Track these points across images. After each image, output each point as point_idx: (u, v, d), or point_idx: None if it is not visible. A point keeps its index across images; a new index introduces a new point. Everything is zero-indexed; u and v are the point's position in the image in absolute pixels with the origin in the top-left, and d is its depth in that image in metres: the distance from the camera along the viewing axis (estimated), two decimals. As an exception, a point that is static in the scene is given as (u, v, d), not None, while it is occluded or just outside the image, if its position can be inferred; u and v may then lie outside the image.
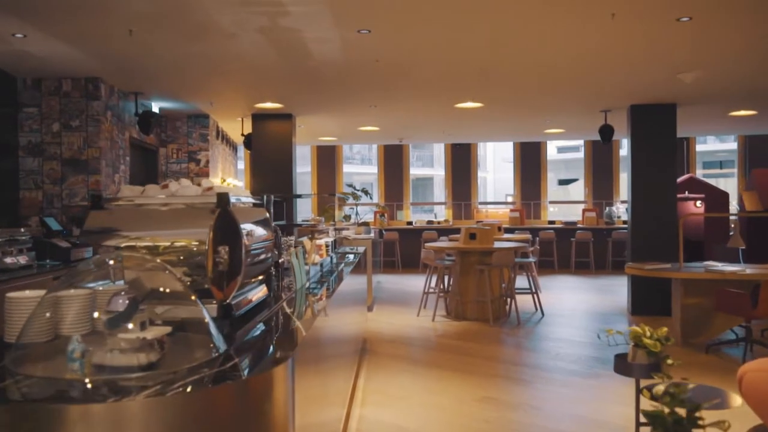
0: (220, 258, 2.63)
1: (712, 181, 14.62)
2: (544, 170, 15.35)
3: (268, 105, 8.88)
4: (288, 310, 3.25)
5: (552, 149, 30.95)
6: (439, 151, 33.82)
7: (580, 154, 16.39)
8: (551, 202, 16.13)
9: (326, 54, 6.03)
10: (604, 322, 8.48)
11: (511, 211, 15.12)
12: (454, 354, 6.80)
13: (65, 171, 6.87)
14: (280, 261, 3.99)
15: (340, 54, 6.04)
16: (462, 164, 15.41)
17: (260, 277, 3.21)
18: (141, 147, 8.70)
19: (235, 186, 11.86)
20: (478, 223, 13.32)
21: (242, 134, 10.24)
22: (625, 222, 13.99)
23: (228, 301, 2.68)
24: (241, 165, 15.02)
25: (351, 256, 6.64)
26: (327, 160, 15.66)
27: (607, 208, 14.70)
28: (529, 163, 15.29)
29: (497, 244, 8.82)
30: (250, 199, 3.33)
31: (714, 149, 30.71)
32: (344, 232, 10.09)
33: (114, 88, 7.38)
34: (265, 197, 3.45)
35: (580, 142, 25.79)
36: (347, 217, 12.89)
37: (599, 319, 8.71)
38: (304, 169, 19.55)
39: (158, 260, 2.36)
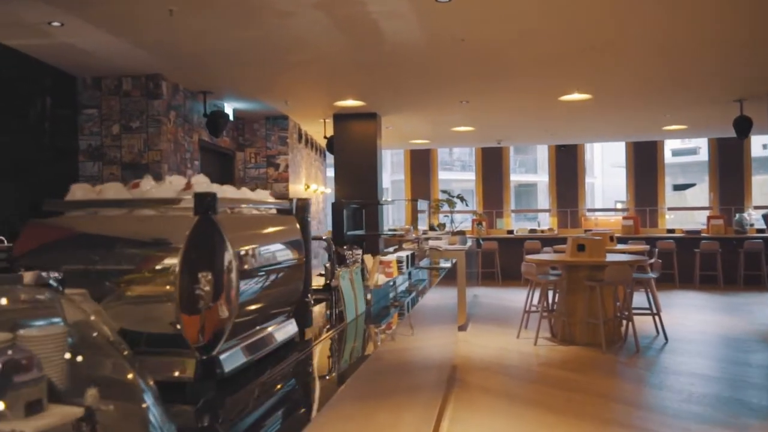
0: (200, 290, 1.77)
1: None
2: (661, 173, 13.77)
3: (349, 103, 8.09)
4: (315, 358, 2.35)
5: (666, 152, 28.57)
6: (542, 155, 32.12)
7: (698, 157, 14.69)
8: (670, 209, 14.47)
9: (400, 33, 5.13)
10: (742, 350, 7.07)
11: (624, 218, 13.65)
12: (559, 389, 5.68)
13: (126, 176, 6.33)
14: (333, 284, 3.13)
15: (416, 32, 5.12)
16: (568, 168, 14.09)
17: (283, 311, 2.34)
18: (215, 151, 8.13)
19: (323, 192, 11.19)
20: (586, 232, 12.00)
21: (325, 137, 9.53)
22: (760, 230, 12.22)
23: (214, 353, 1.82)
24: (331, 172, 14.41)
25: (437, 271, 5.70)
26: (421, 165, 14.78)
27: (737, 215, 12.93)
28: (644, 165, 13.75)
29: (610, 257, 7.60)
30: (271, 204, 2.47)
31: None
32: (435, 242, 9.14)
33: (179, 86, 6.81)
34: (294, 201, 2.57)
35: (698, 143, 23.65)
36: (441, 226, 11.92)
37: (736, 346, 7.29)
38: (399, 176, 18.73)
39: (69, 295, 1.53)
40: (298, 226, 2.51)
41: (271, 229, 2.27)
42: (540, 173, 31.96)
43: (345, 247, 5.07)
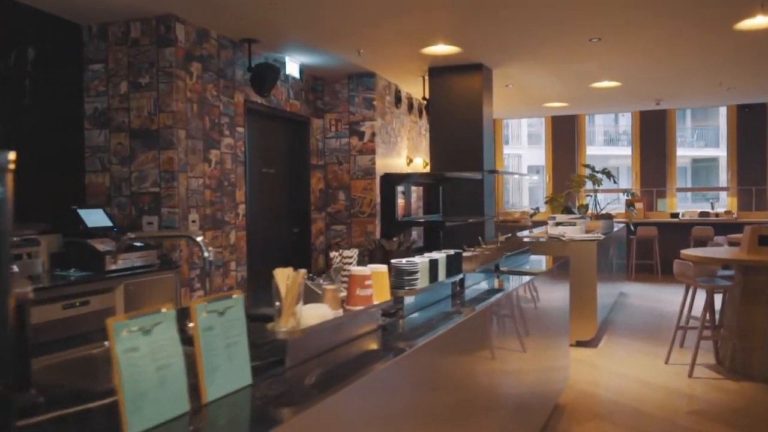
0: None
1: None
2: None
3: (441, 49, 6.28)
4: None
5: None
6: (725, 122, 27.83)
7: None
8: None
9: None
10: None
11: (832, 198, 10.54)
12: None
13: (134, 146, 5.06)
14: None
15: None
16: (753, 134, 11.16)
17: None
18: (278, 117, 6.70)
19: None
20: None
21: (424, 98, 7.81)
22: None
23: None
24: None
25: (531, 274, 3.83)
26: (565, 136, 12.48)
27: None
28: None
29: (811, 255, 5.20)
30: None
31: None
32: (560, 230, 7.11)
33: (209, 32, 5.41)
34: None
35: None
36: (583, 208, 9.70)
37: None
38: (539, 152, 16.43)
39: None
40: None
41: None
42: (722, 147, 27.74)
43: (394, 240, 3.45)
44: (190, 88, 5.11)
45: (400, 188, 6.79)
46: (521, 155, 28.41)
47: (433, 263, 2.56)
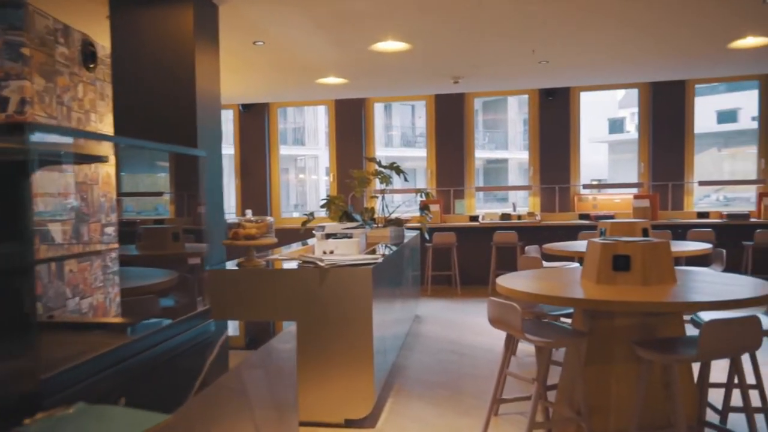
0: None
1: None
2: (690, 132, 9.54)
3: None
4: None
5: (706, 117, 22.91)
6: (514, 129, 28.01)
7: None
8: (702, 183, 10.12)
9: None
10: None
11: (636, 197, 9.45)
12: None
13: None
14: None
15: None
16: (555, 126, 9.80)
17: None
18: None
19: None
20: (599, 220, 7.60)
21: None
22: None
23: None
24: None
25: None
26: (352, 127, 10.37)
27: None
28: (668, 119, 9.50)
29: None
30: None
31: None
32: (331, 245, 4.82)
33: None
34: None
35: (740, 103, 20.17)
36: (368, 212, 7.53)
37: None
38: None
39: None
40: None
41: None
42: (512, 149, 27.92)
43: None
44: None
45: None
46: (318, 156, 26.36)
47: None
